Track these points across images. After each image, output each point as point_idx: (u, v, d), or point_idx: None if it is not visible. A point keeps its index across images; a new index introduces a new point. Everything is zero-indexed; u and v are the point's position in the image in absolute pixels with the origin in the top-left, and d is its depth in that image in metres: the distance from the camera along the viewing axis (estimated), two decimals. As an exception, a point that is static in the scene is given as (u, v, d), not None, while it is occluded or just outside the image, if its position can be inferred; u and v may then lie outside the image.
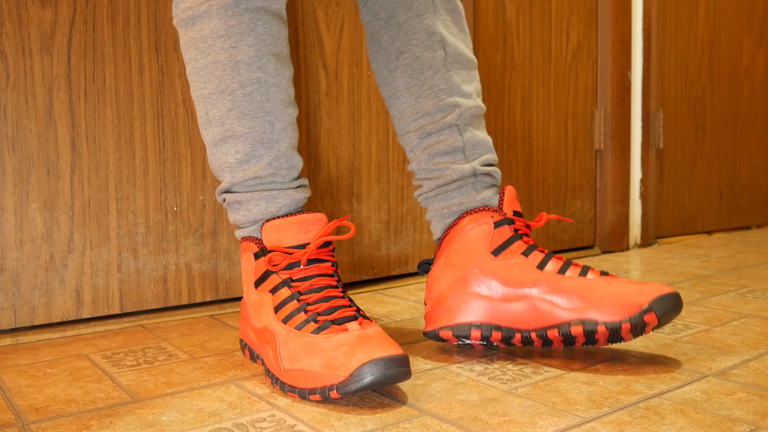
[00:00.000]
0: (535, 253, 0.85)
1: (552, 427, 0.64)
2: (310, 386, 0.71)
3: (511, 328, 0.83)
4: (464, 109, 0.91)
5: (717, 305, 1.12)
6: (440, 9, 0.92)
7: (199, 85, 0.81)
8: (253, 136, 0.80)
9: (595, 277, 0.80)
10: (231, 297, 1.16)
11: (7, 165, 0.97)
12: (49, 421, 0.68)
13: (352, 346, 0.69)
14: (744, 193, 2.11)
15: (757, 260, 1.54)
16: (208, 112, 0.81)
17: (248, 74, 0.79)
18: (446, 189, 0.91)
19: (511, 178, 1.53)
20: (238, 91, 0.79)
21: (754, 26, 2.08)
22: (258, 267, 0.81)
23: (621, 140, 1.70)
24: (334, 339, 0.71)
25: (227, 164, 0.81)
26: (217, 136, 0.81)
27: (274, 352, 0.75)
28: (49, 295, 1.01)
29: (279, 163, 0.81)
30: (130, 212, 1.06)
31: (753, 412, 0.67)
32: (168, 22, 1.08)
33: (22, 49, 0.97)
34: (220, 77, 0.79)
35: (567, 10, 1.61)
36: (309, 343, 0.72)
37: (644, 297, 0.77)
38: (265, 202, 0.81)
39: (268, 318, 0.78)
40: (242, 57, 0.78)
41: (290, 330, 0.75)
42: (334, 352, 0.70)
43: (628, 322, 0.77)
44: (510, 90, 1.52)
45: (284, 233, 0.79)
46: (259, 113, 0.79)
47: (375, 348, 0.68)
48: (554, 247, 1.63)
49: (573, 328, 0.79)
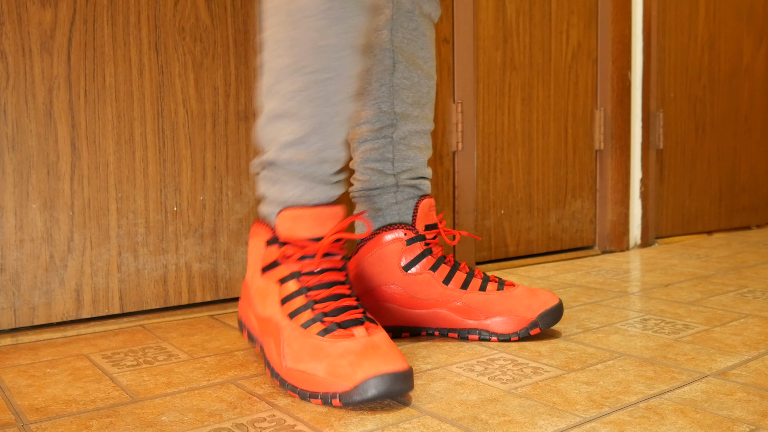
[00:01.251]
0: (443, 267, 0.95)
1: (552, 427, 0.64)
2: (312, 390, 0.70)
3: (418, 327, 0.96)
4: (402, 123, 0.98)
5: (717, 305, 1.12)
6: (399, 27, 0.98)
7: (275, 55, 0.78)
8: (313, 123, 0.78)
9: (493, 292, 0.94)
10: (231, 297, 1.16)
11: (7, 165, 0.97)
12: (49, 421, 0.68)
13: (359, 355, 0.69)
14: (744, 193, 2.11)
15: (757, 260, 1.54)
16: (275, 84, 0.79)
17: (328, 62, 0.77)
18: (369, 194, 0.99)
19: (512, 178, 1.54)
20: (313, 75, 0.77)
21: (754, 26, 2.08)
22: (268, 253, 0.80)
23: (621, 140, 1.70)
24: (341, 345, 0.70)
25: (277, 140, 0.79)
26: (276, 109, 0.79)
27: (277, 347, 0.75)
28: (49, 295, 1.01)
29: (327, 155, 0.80)
30: (130, 212, 1.06)
31: (753, 412, 0.67)
32: (168, 22, 1.08)
33: (22, 49, 0.97)
34: (299, 56, 0.77)
35: (567, 10, 1.61)
36: (315, 345, 0.72)
37: (532, 312, 0.92)
38: (301, 190, 0.80)
39: (274, 309, 0.77)
40: (328, 43, 0.76)
41: (296, 327, 0.74)
42: (339, 360, 0.69)
43: (516, 336, 0.92)
44: (510, 90, 1.52)
45: (300, 224, 0.78)
46: (326, 103, 0.78)
47: (381, 361, 0.68)
48: (554, 247, 1.63)
49: (470, 336, 0.94)
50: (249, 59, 1.15)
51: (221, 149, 1.13)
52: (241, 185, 1.15)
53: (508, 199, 1.53)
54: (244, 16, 1.14)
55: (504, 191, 1.53)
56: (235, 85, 1.14)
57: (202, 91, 1.11)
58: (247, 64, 1.15)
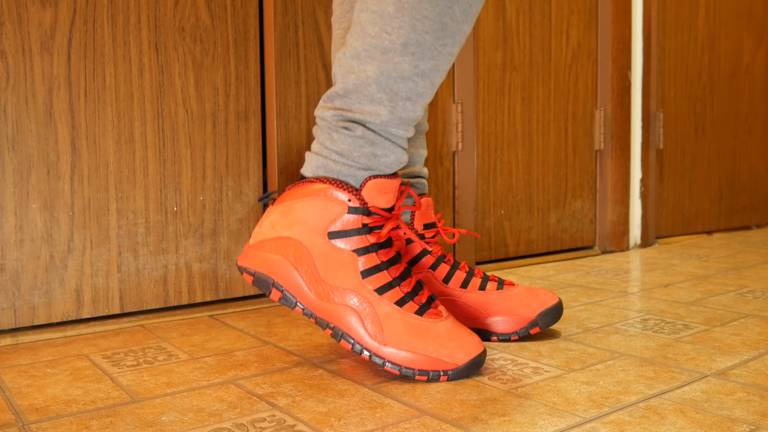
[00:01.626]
0: (442, 266, 0.96)
1: (552, 427, 0.64)
2: (420, 367, 0.75)
3: None
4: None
5: (717, 305, 1.12)
6: None
7: (418, 17, 0.74)
8: (430, 91, 0.77)
9: (492, 291, 0.94)
10: (231, 297, 1.16)
11: (7, 165, 0.97)
12: (49, 421, 0.68)
13: (459, 334, 0.77)
14: (744, 193, 2.11)
15: (757, 260, 1.54)
16: (417, 46, 0.74)
17: (453, 39, 0.76)
18: None
19: (512, 178, 1.53)
20: (444, 49, 0.76)
21: (754, 26, 2.08)
22: (346, 221, 0.78)
23: (621, 140, 1.70)
24: (443, 326, 0.77)
25: (395, 100, 0.76)
26: (409, 70, 0.75)
27: (371, 322, 0.76)
28: (49, 295, 1.01)
29: (420, 125, 0.79)
30: (130, 212, 1.06)
31: (753, 412, 0.67)
32: (168, 22, 1.08)
33: (22, 49, 0.97)
34: (444, 25, 0.74)
35: (567, 10, 1.61)
36: (418, 326, 0.76)
37: (531, 312, 0.92)
38: (396, 156, 0.79)
39: (352, 281, 0.77)
40: (452, 18, 0.75)
41: (391, 305, 0.77)
42: (448, 341, 0.76)
43: (516, 335, 0.92)
44: (510, 90, 1.52)
45: (383, 196, 0.78)
46: (441, 73, 0.77)
47: (472, 339, 0.78)
48: (554, 247, 1.63)
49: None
50: (249, 59, 1.15)
51: (221, 149, 1.13)
52: (241, 185, 1.15)
53: (508, 199, 1.53)
54: (244, 16, 1.14)
55: (504, 191, 1.53)
56: (235, 85, 1.14)
57: (202, 91, 1.11)
58: (247, 64, 1.15)
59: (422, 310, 0.78)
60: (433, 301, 0.81)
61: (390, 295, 0.77)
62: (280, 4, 1.15)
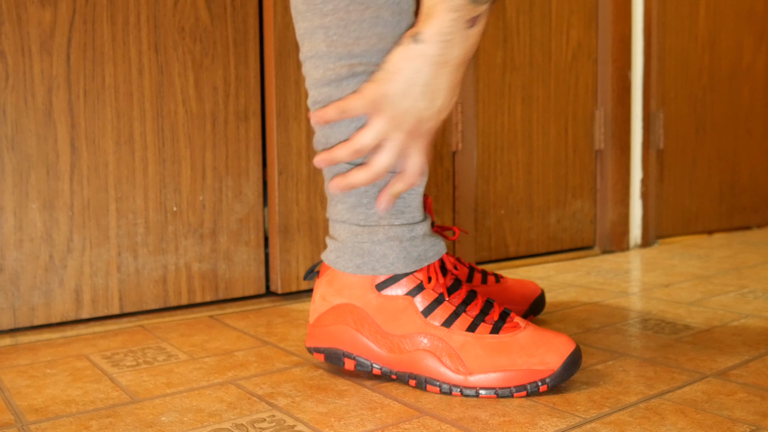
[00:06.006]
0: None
1: (552, 427, 0.64)
2: (515, 384, 0.71)
3: None
4: None
5: (717, 305, 1.12)
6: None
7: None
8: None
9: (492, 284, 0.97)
10: (231, 297, 1.15)
11: (6, 165, 0.97)
12: (49, 421, 0.68)
13: (545, 340, 0.73)
14: (745, 193, 2.11)
15: (757, 260, 1.54)
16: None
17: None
18: None
19: (512, 178, 1.53)
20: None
21: (755, 26, 2.08)
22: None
23: (621, 140, 1.70)
24: (524, 336, 0.73)
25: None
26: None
27: (450, 359, 0.73)
28: (48, 296, 1.01)
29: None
30: (129, 212, 1.06)
31: (753, 413, 0.67)
32: (168, 22, 1.08)
33: (22, 49, 0.97)
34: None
35: (567, 9, 1.61)
36: (498, 344, 0.72)
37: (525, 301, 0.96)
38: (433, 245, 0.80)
39: (415, 324, 0.74)
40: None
41: (463, 334, 0.73)
42: (535, 349, 0.72)
43: None
44: (510, 90, 1.52)
45: None
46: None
47: (560, 339, 0.73)
48: (554, 247, 1.63)
49: None
50: (249, 59, 1.15)
51: (221, 149, 1.13)
52: (241, 185, 1.15)
53: (508, 199, 1.53)
54: (243, 15, 1.14)
55: (504, 191, 1.53)
56: (235, 85, 1.14)
57: (201, 91, 1.11)
58: (247, 63, 1.15)
59: (497, 327, 0.74)
60: (508, 315, 0.77)
61: (459, 324, 0.74)
62: (280, 4, 1.15)
